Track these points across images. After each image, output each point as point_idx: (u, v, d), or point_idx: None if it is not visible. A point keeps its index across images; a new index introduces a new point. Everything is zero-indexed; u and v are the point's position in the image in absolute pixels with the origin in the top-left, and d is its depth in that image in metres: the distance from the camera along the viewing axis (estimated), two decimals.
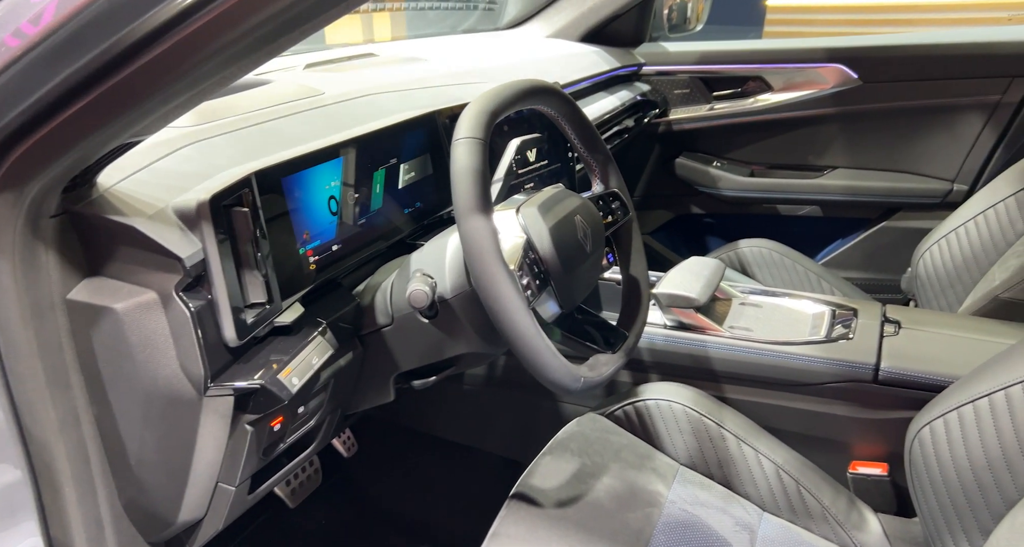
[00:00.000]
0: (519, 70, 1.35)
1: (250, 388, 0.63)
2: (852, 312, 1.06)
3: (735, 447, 0.95)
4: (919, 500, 0.81)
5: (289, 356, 0.67)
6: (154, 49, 0.46)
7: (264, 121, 0.82)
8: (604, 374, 0.77)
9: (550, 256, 0.75)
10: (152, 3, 0.45)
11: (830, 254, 1.76)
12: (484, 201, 0.67)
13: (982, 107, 1.52)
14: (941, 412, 0.79)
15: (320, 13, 0.49)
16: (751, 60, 1.70)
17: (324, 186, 0.77)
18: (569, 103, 0.87)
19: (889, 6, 4.39)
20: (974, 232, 1.31)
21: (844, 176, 1.70)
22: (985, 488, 0.73)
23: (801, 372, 0.98)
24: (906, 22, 4.22)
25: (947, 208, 1.46)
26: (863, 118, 1.64)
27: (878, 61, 1.58)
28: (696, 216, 1.93)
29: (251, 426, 0.66)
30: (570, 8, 1.67)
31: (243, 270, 0.64)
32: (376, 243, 0.86)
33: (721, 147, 1.82)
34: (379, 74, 1.10)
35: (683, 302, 1.05)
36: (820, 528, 0.89)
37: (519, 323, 0.66)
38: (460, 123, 0.69)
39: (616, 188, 0.94)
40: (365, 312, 0.81)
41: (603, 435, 0.98)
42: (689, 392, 1.01)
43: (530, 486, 0.88)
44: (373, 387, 0.84)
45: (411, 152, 0.93)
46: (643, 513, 0.85)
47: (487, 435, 1.26)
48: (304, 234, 0.74)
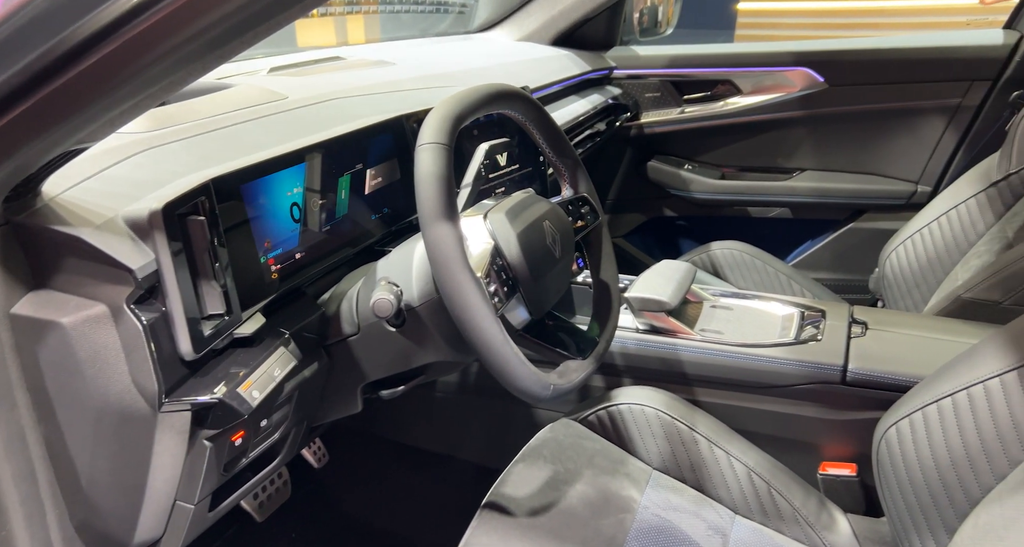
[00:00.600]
0: (489, 74, 1.35)
1: (208, 403, 0.61)
2: (820, 313, 1.07)
3: (707, 450, 0.95)
4: (887, 500, 0.81)
5: (250, 368, 0.65)
6: (97, 52, 0.44)
7: (224, 126, 0.80)
8: (574, 381, 0.76)
9: (518, 262, 0.74)
10: (95, 4, 0.44)
11: (800, 255, 1.78)
12: (449, 207, 0.65)
13: (943, 110, 1.55)
14: (907, 412, 0.80)
15: (272, 16, 0.47)
16: (720, 64, 1.72)
17: (286, 193, 0.75)
18: (536, 107, 0.86)
19: (855, 10, 4.48)
20: (937, 233, 1.33)
21: (812, 178, 1.72)
22: (950, 487, 0.74)
23: (771, 374, 0.98)
24: (872, 26, 4.32)
25: (912, 209, 1.48)
26: (830, 121, 1.66)
27: (843, 65, 1.61)
28: (669, 219, 1.94)
29: (210, 442, 0.64)
30: (541, 12, 1.67)
31: (200, 281, 0.62)
32: (342, 250, 0.85)
33: (692, 150, 1.83)
34: (346, 78, 1.08)
35: (654, 306, 1.05)
36: (791, 530, 0.89)
37: (486, 331, 0.65)
38: (424, 128, 0.68)
39: (586, 193, 0.93)
40: (331, 321, 0.79)
41: (576, 441, 0.98)
42: (661, 396, 1.01)
43: (502, 495, 0.87)
44: (340, 398, 0.82)
45: (378, 157, 0.92)
46: (616, 519, 0.85)
47: (460, 443, 1.25)
48: (265, 242, 0.72)
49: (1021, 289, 1.01)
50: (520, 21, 1.70)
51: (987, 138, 1.52)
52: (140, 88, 0.48)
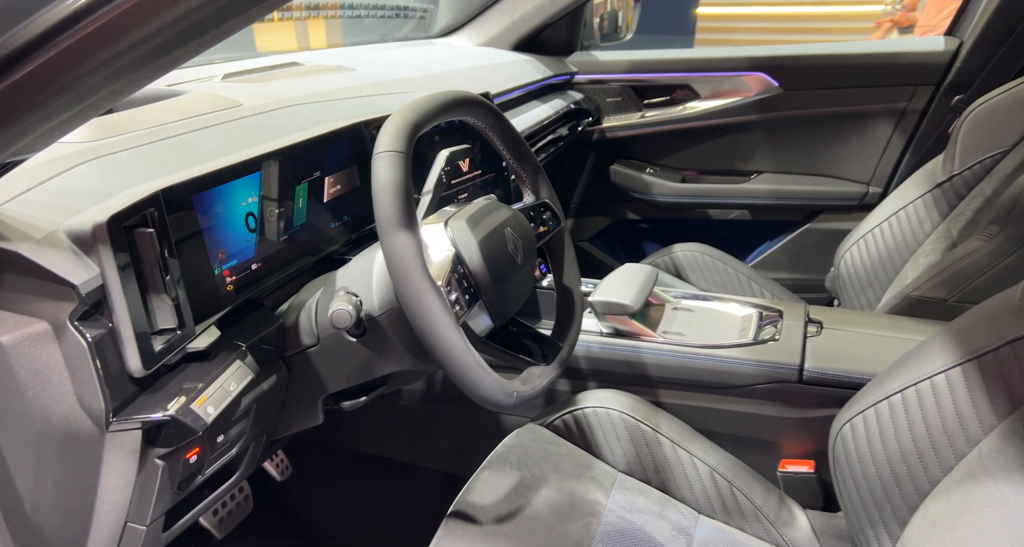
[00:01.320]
0: (450, 79, 1.34)
1: (159, 420, 0.59)
2: (778, 313, 1.09)
3: (671, 451, 0.96)
4: (843, 495, 0.84)
5: (204, 383, 0.63)
6: (32, 61, 0.43)
7: (174, 135, 0.78)
8: (537, 387, 0.76)
9: (479, 269, 0.74)
10: (28, 11, 0.42)
11: (759, 256, 1.82)
12: (407, 216, 0.65)
13: (891, 113, 1.61)
14: (860, 409, 0.82)
15: (217, 25, 0.46)
16: (679, 69, 1.75)
17: (241, 202, 0.74)
18: (495, 114, 0.86)
19: (810, 15, 4.63)
20: (888, 233, 1.38)
21: (769, 180, 1.77)
22: (901, 481, 0.76)
23: (731, 374, 1.00)
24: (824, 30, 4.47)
25: (864, 210, 1.53)
26: (785, 124, 1.71)
27: (796, 70, 1.65)
28: (632, 222, 1.96)
29: (162, 460, 0.62)
30: (501, 17, 1.67)
31: (149, 294, 0.60)
32: (302, 259, 0.83)
33: (653, 154, 1.86)
34: (302, 84, 1.07)
35: (618, 309, 1.06)
36: (753, 528, 0.91)
37: (447, 340, 0.64)
38: (380, 136, 0.68)
39: (547, 198, 0.94)
40: (289, 332, 0.78)
41: (542, 446, 0.98)
42: (626, 398, 1.02)
43: (468, 503, 0.86)
44: (300, 410, 0.81)
45: (336, 164, 0.91)
46: (582, 523, 0.85)
47: (427, 451, 1.24)
48: (220, 253, 0.71)
49: (965, 287, 1.05)
50: (481, 26, 1.70)
51: (932, 140, 1.58)
52: (79, 98, 0.47)
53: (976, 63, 1.48)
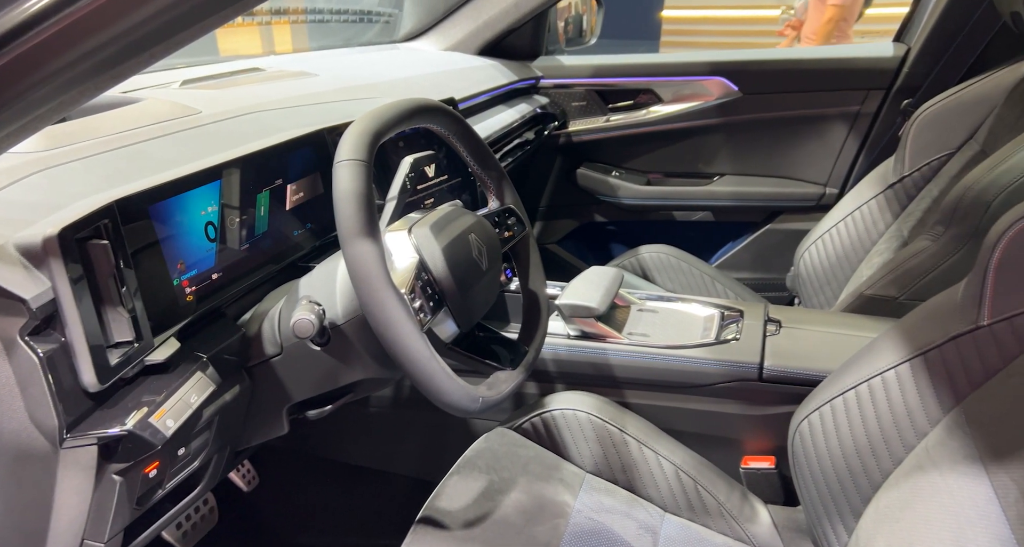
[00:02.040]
0: (415, 84, 1.34)
1: (116, 435, 0.58)
2: (739, 313, 1.12)
3: (637, 451, 0.98)
4: (802, 489, 0.86)
5: (163, 396, 0.62)
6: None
7: (130, 143, 0.76)
8: (503, 392, 0.77)
9: (444, 276, 0.75)
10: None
11: (723, 256, 1.86)
12: (368, 224, 0.65)
13: (845, 116, 1.66)
14: (816, 406, 0.85)
15: (169, 36, 0.46)
16: (642, 73, 1.78)
17: (200, 212, 0.73)
18: (458, 121, 0.87)
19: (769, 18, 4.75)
20: (844, 233, 1.42)
21: (731, 182, 1.81)
22: (855, 474, 0.79)
23: (694, 374, 1.02)
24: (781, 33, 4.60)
25: (822, 210, 1.58)
26: (745, 128, 1.75)
27: (755, 74, 1.70)
28: (599, 224, 1.98)
29: (120, 476, 0.61)
30: (466, 22, 1.68)
31: (105, 307, 0.59)
32: (264, 268, 0.83)
33: (619, 157, 1.88)
34: (264, 90, 1.06)
35: (584, 312, 1.07)
36: (717, 524, 0.93)
37: (410, 347, 0.65)
38: (341, 145, 0.68)
39: (511, 204, 0.95)
40: (252, 342, 0.77)
41: (511, 449, 0.99)
42: (593, 400, 1.03)
43: (437, 509, 0.87)
44: (264, 420, 0.80)
45: (299, 172, 0.90)
46: (550, 525, 0.86)
47: (396, 457, 1.23)
48: (179, 264, 0.70)
49: (914, 285, 1.09)
50: (446, 31, 1.70)
51: (884, 143, 1.64)
52: (27, 110, 0.46)
53: (923, 68, 1.54)
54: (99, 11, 0.42)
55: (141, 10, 0.43)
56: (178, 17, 0.46)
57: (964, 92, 1.28)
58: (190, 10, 0.46)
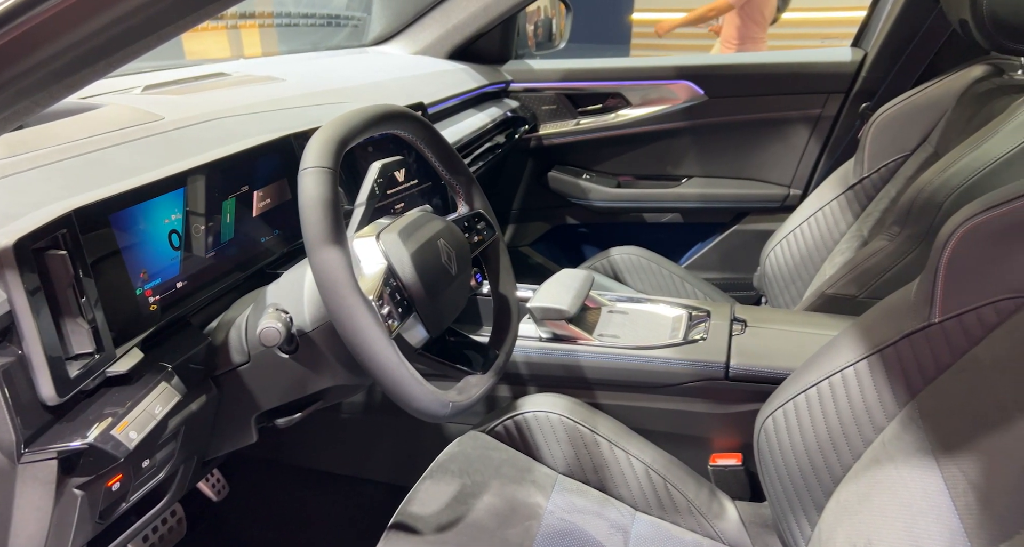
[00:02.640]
0: (384, 89, 1.34)
1: (76, 449, 0.57)
2: (706, 313, 1.15)
3: (608, 451, 0.99)
4: (767, 485, 0.88)
5: (125, 408, 0.62)
6: None
7: (89, 151, 0.75)
8: (474, 396, 0.77)
9: (412, 282, 0.75)
10: None
11: (691, 257, 1.89)
12: (335, 232, 0.65)
13: (807, 119, 1.71)
14: (780, 403, 0.87)
15: (124, 45, 0.46)
16: (610, 77, 1.80)
17: (163, 220, 0.72)
18: (425, 127, 0.87)
19: None
20: (807, 233, 1.46)
21: (699, 184, 1.84)
22: (818, 469, 0.81)
23: (663, 374, 1.04)
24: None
25: (786, 211, 1.62)
26: (711, 130, 1.78)
27: (719, 78, 1.73)
28: (571, 226, 2.00)
29: (81, 490, 0.60)
30: (435, 26, 1.68)
31: (63, 319, 0.58)
32: (231, 275, 0.82)
33: (589, 160, 1.90)
34: (229, 96, 1.04)
35: (555, 314, 1.09)
36: (686, 521, 0.95)
37: (379, 354, 0.65)
38: (307, 152, 0.68)
39: (481, 208, 0.95)
40: (219, 351, 0.77)
41: (484, 452, 0.99)
42: (564, 401, 1.05)
43: (409, 514, 0.87)
44: (233, 429, 0.80)
45: (266, 178, 0.89)
46: (523, 527, 0.87)
47: (369, 463, 1.23)
48: (141, 273, 0.69)
49: (872, 284, 1.13)
50: (415, 35, 1.70)
51: (844, 145, 1.68)
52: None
53: (879, 72, 1.58)
54: (53, 20, 0.42)
55: (96, 19, 0.43)
56: (136, 26, 0.45)
57: (918, 96, 1.33)
58: (148, 19, 0.45)
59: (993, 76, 1.22)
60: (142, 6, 0.43)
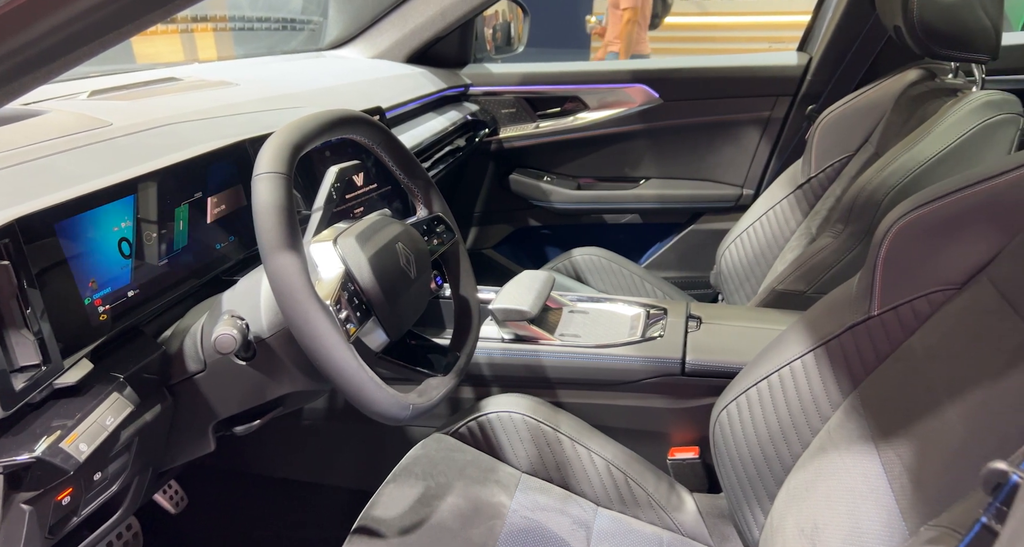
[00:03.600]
0: (341, 93, 1.33)
1: (23, 463, 0.56)
2: (663, 312, 1.17)
3: (570, 449, 1.01)
4: (723, 477, 0.91)
5: (75, 420, 0.60)
6: None
7: (34, 158, 0.73)
8: (435, 398, 0.78)
9: (371, 285, 0.75)
10: None
11: (651, 257, 1.93)
12: (290, 237, 0.65)
13: (757, 122, 1.76)
14: (733, 397, 0.90)
15: (68, 52, 0.45)
16: (568, 81, 1.83)
17: (112, 228, 0.71)
18: (381, 131, 0.87)
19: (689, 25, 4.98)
20: (760, 231, 1.51)
21: (656, 186, 1.88)
22: (769, 459, 0.85)
23: (622, 371, 1.07)
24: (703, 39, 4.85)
25: (740, 210, 1.67)
26: (667, 133, 1.83)
27: (673, 82, 1.78)
28: (533, 228, 2.02)
29: (29, 505, 0.59)
30: (393, 30, 1.68)
31: (7, 331, 0.57)
32: (187, 283, 0.81)
33: (550, 163, 1.93)
34: (180, 101, 1.03)
35: (517, 315, 1.10)
36: (647, 514, 0.98)
37: (337, 358, 0.65)
38: (260, 158, 0.68)
39: (440, 212, 0.96)
40: (174, 360, 0.76)
41: (448, 454, 1.00)
42: (527, 401, 1.06)
43: (372, 517, 0.87)
44: (189, 438, 0.79)
45: (220, 184, 0.89)
46: (487, 527, 0.88)
47: (332, 469, 1.22)
48: (91, 282, 0.68)
49: (819, 280, 1.18)
50: (373, 39, 1.70)
51: (793, 146, 1.74)
52: None
53: (824, 76, 1.65)
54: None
55: (35, 26, 0.42)
56: (77, 32, 0.45)
57: (859, 99, 1.39)
58: (90, 25, 0.45)
59: (927, 80, 1.28)
60: (83, 13, 0.42)
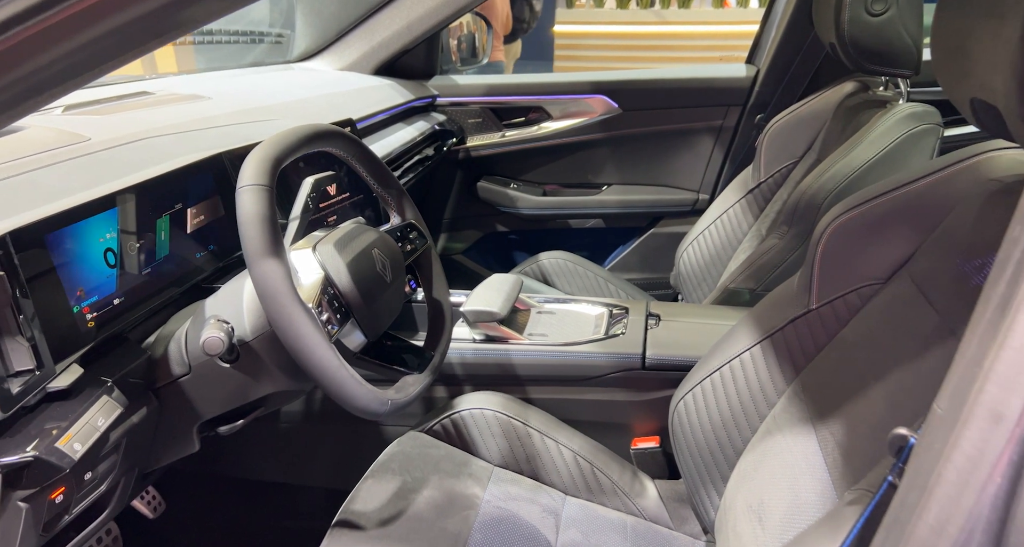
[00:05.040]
0: (312, 105, 1.37)
1: (21, 462, 0.59)
2: (624, 311, 1.24)
3: (539, 442, 1.07)
4: (681, 463, 0.98)
5: (68, 421, 0.64)
6: None
7: (17, 174, 0.76)
8: (411, 394, 0.83)
9: (349, 289, 0.80)
10: None
11: (614, 260, 2.01)
12: (274, 245, 0.69)
13: (711, 130, 1.86)
14: (690, 387, 0.97)
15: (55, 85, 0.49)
16: (531, 92, 1.90)
17: (98, 239, 0.74)
18: (356, 144, 0.92)
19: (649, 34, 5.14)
20: (715, 234, 1.60)
21: (618, 192, 1.96)
22: (723, 445, 0.92)
23: (587, 367, 1.13)
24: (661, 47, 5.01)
25: (696, 214, 1.75)
26: (626, 141, 1.91)
27: (631, 93, 1.86)
28: (501, 234, 2.08)
29: (25, 503, 0.62)
30: (360, 43, 1.72)
31: (3, 337, 0.60)
32: (168, 291, 0.84)
33: (516, 170, 1.99)
34: (155, 115, 1.05)
35: (487, 316, 1.15)
36: (612, 501, 1.04)
37: (320, 358, 0.70)
38: (243, 170, 0.72)
39: (412, 219, 1.01)
40: (158, 364, 0.79)
41: (423, 451, 1.05)
42: (498, 398, 1.11)
43: (352, 512, 0.91)
44: (174, 439, 0.82)
45: (198, 195, 0.92)
46: (461, 517, 0.93)
47: (309, 469, 1.25)
48: (78, 291, 0.71)
49: (767, 278, 1.26)
50: (340, 51, 1.74)
51: (744, 153, 1.84)
52: None
53: (770, 87, 1.75)
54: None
55: (32, 61, 0.46)
56: (65, 68, 0.48)
57: (803, 108, 1.49)
58: (88, 57, 0.49)
59: (861, 91, 1.38)
60: (72, 52, 0.46)
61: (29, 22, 0.43)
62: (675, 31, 5.02)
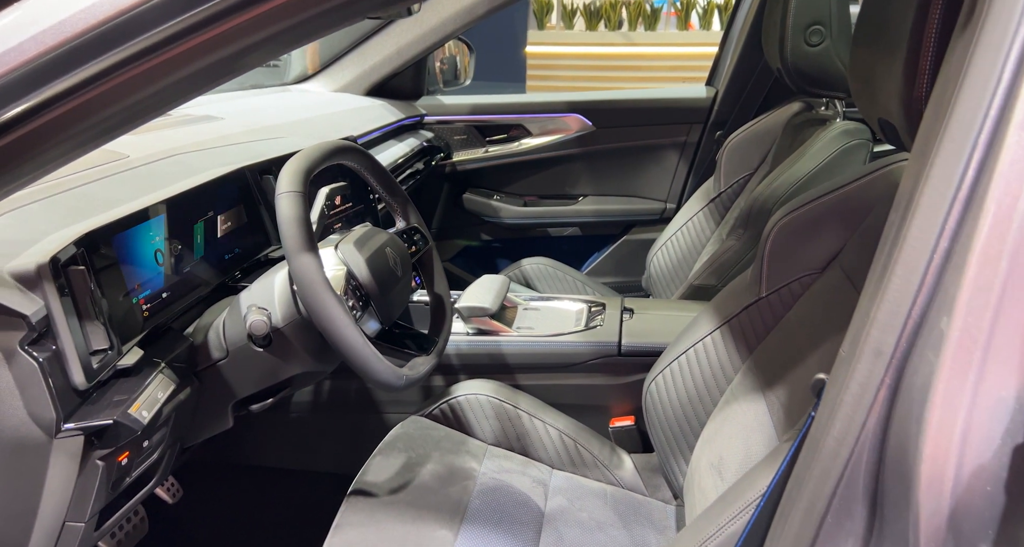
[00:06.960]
0: (314, 124, 1.50)
1: (102, 425, 0.70)
2: (602, 306, 1.38)
3: (528, 422, 1.20)
4: (654, 438, 1.11)
5: (135, 394, 0.75)
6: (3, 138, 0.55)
7: (75, 186, 0.87)
8: (422, 372, 0.95)
9: (368, 282, 0.92)
10: None
11: (591, 265, 2.16)
12: (309, 242, 0.82)
13: (676, 145, 2.03)
14: (660, 370, 1.11)
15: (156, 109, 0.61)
16: (512, 111, 2.05)
17: (150, 241, 0.86)
18: (369, 158, 1.05)
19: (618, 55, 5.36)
20: (682, 239, 1.76)
21: (593, 202, 2.12)
22: (689, 418, 1.05)
23: (569, 355, 1.26)
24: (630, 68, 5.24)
25: (664, 222, 1.91)
26: (600, 156, 2.07)
27: (604, 111, 2.03)
28: (486, 242, 2.22)
29: (102, 461, 0.72)
30: (353, 66, 1.85)
31: (84, 321, 0.71)
32: (202, 287, 0.96)
33: (499, 183, 2.13)
34: (179, 134, 1.17)
35: (479, 312, 1.28)
36: (593, 473, 1.17)
37: (349, 337, 0.81)
38: (281, 179, 0.83)
39: (416, 223, 1.14)
40: (199, 350, 0.90)
41: (424, 432, 1.17)
42: (491, 385, 1.24)
43: (365, 482, 1.02)
44: (212, 416, 0.93)
45: (226, 204, 1.04)
46: (461, 486, 1.05)
47: (317, 456, 1.36)
48: (135, 285, 0.82)
49: (727, 275, 1.42)
50: (334, 74, 1.87)
51: (705, 166, 2.02)
52: (42, 164, 0.59)
53: (728, 106, 1.93)
54: (51, 124, 0.56)
55: (90, 119, 0.58)
56: (147, 106, 0.61)
57: (757, 125, 1.66)
58: (157, 101, 0.61)
59: (806, 111, 1.56)
60: (145, 98, 0.58)
61: (114, 75, 0.55)
62: (642, 52, 5.26)
